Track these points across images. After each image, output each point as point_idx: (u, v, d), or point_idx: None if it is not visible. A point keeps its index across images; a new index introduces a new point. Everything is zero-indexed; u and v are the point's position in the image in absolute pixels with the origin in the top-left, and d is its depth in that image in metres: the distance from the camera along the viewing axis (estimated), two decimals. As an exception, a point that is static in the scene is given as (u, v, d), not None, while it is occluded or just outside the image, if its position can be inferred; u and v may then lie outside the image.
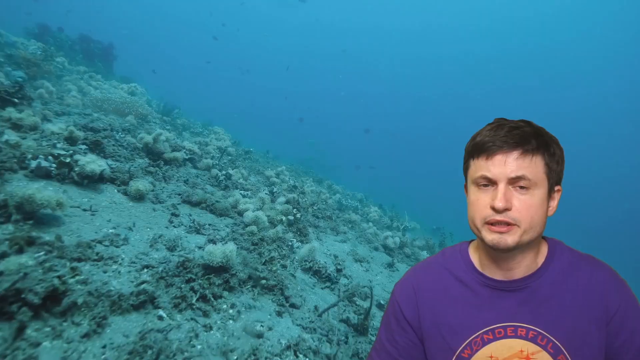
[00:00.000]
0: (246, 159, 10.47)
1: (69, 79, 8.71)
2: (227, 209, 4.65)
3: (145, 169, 4.88)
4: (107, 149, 4.73)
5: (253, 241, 4.00)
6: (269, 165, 11.32)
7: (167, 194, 4.52)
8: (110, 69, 15.69)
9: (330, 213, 7.18)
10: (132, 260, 2.60)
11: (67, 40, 14.10)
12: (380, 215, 10.01)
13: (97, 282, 2.21)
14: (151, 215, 3.72)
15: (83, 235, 2.71)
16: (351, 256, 5.21)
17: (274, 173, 9.16)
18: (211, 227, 4.13)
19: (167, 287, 2.43)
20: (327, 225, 6.43)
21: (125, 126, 6.19)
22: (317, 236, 5.47)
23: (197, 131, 11.11)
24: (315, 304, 3.34)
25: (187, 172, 5.82)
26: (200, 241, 3.61)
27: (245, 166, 8.90)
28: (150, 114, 7.87)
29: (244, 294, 2.94)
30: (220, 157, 8.04)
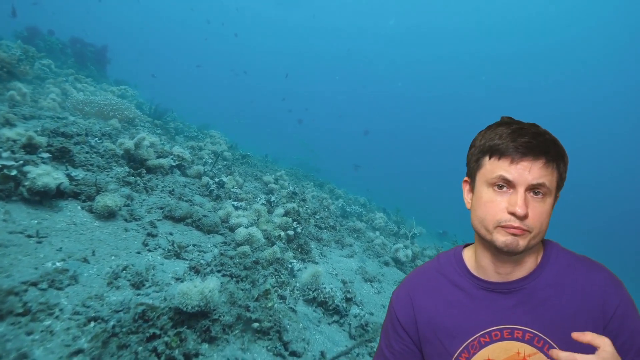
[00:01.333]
0: (243, 164, 9.78)
1: (52, 82, 8.04)
2: (216, 224, 3.96)
3: (123, 179, 4.19)
4: (78, 158, 4.04)
5: (245, 265, 3.30)
6: (268, 169, 10.63)
7: (146, 209, 3.83)
8: (104, 72, 15.07)
9: (334, 222, 6.49)
10: (75, 310, 1.90)
11: (57, 44, 13.47)
12: (385, 221, 9.32)
13: (10, 352, 1.52)
14: (121, 237, 3.02)
15: (14, 274, 2.02)
16: (360, 275, 4.51)
17: (272, 178, 8.48)
18: (196, 249, 3.44)
19: (120, 349, 1.74)
20: (331, 237, 5.73)
21: (106, 131, 5.50)
22: (320, 252, 4.77)
23: (192, 135, 10.43)
24: (321, 349, 2.64)
25: (174, 181, 5.13)
26: (179, 269, 2.92)
27: (242, 172, 8.22)
28: (137, 117, 7.18)
29: (231, 344, 2.24)
30: (214, 163, 7.36)
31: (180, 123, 11.50)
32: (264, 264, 3.39)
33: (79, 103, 6.43)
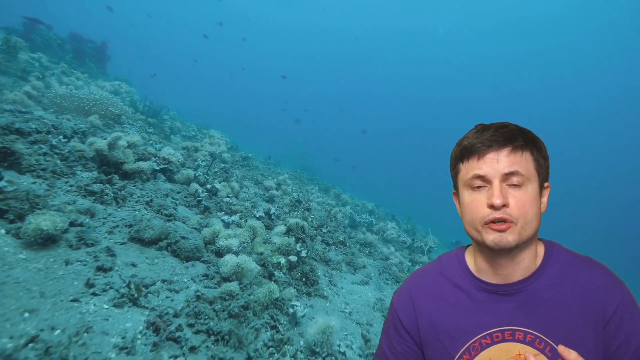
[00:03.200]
0: (244, 167, 8.88)
1: (36, 75, 7.21)
2: (198, 248, 3.03)
3: (86, 188, 3.29)
4: (26, 161, 3.14)
5: (231, 311, 2.37)
6: (270, 172, 9.71)
7: (108, 227, 2.92)
8: (104, 69, 14.29)
9: (344, 237, 5.54)
10: None
11: (55, 39, 12.71)
12: (398, 232, 8.35)
13: None
14: (54, 276, 2.11)
15: None
16: (379, 311, 3.55)
17: (274, 183, 7.55)
18: (165, 287, 2.51)
19: None
20: (340, 256, 4.78)
21: (80, 128, 4.61)
22: (329, 279, 3.82)
23: (190, 135, 9.54)
24: None
25: (155, 189, 4.23)
26: (131, 326, 1.99)
27: (241, 175, 7.31)
28: (124, 113, 6.29)
29: None
30: (209, 166, 6.46)
31: (178, 122, 10.63)
32: (256, 309, 2.46)
33: (56, 97, 5.56)
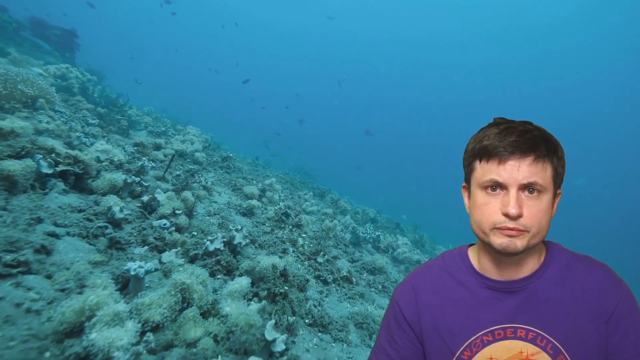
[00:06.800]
0: (223, 168, 7.02)
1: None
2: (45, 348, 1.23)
3: None
4: None
5: None
6: (256, 175, 7.86)
7: None
8: (72, 59, 12.23)
9: (347, 271, 3.74)
10: None
11: (11, 22, 10.67)
12: (410, 248, 6.58)
13: None
14: None
15: None
16: None
17: (256, 190, 5.72)
18: None
19: None
20: (346, 308, 2.99)
21: None
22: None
23: (159, 131, 7.64)
24: None
25: (31, 207, 2.39)
26: None
27: (215, 180, 5.48)
28: (46, 96, 4.43)
29: None
30: (167, 168, 4.62)
31: (149, 117, 8.73)
32: None
33: None
